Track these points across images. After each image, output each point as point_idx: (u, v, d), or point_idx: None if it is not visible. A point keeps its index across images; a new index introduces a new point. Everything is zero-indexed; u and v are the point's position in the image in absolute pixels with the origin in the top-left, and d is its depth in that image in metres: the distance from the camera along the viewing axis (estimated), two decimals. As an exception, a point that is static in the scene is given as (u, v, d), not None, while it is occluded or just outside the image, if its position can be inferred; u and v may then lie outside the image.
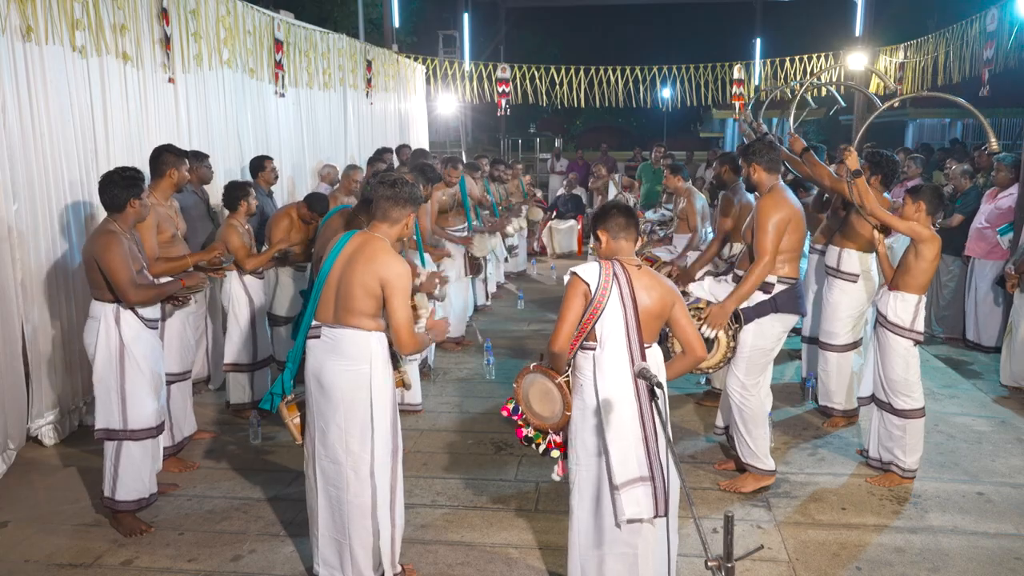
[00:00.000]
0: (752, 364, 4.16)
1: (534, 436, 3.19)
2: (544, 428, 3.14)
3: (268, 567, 3.53)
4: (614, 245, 3.02)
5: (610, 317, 2.91)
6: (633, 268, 2.98)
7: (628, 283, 2.93)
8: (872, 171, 4.89)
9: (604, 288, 2.91)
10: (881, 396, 4.32)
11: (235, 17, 6.69)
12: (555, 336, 2.95)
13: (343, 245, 3.18)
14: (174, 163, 4.31)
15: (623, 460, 2.87)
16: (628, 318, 2.90)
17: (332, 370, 3.10)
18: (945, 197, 5.07)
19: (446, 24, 17.29)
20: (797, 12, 20.13)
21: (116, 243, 3.58)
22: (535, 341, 7.26)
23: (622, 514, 2.86)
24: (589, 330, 2.94)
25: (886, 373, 4.25)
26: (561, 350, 2.96)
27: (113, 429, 3.70)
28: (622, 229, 3.00)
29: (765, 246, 4.03)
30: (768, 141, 4.35)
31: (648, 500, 2.87)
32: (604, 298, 2.91)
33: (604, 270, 2.94)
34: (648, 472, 2.87)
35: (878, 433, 4.39)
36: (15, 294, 4.47)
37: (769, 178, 4.17)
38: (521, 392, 3.16)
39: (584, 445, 3.00)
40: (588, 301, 2.93)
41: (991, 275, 6.55)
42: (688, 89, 14.91)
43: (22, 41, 4.43)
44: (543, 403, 3.11)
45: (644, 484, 2.87)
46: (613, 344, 2.91)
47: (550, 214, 12.62)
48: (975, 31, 9.73)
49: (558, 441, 3.14)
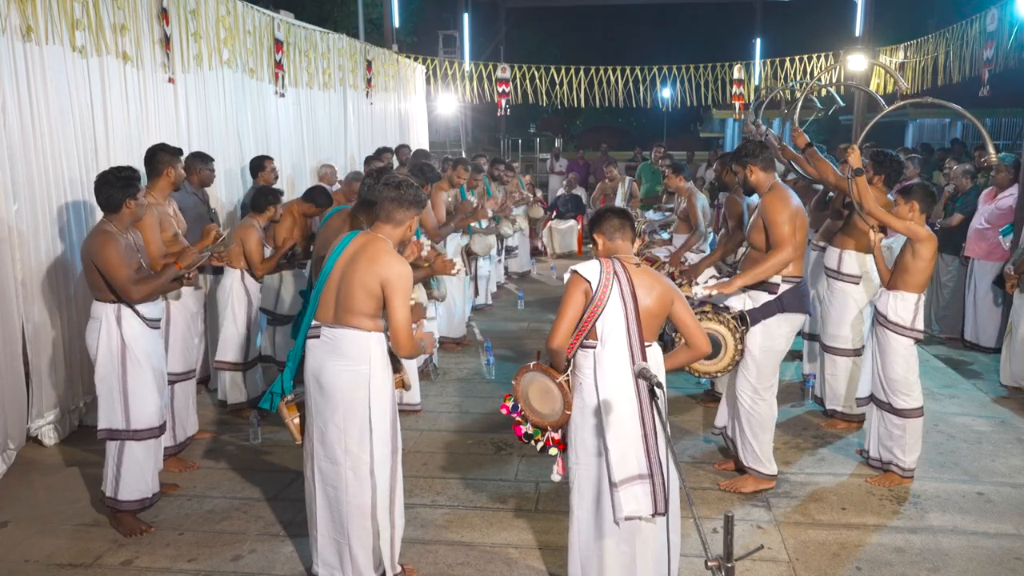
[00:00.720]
0: (763, 367, 4.11)
1: (533, 433, 3.20)
2: (543, 426, 3.15)
3: (268, 567, 3.53)
4: (611, 246, 3.05)
5: (611, 315, 2.92)
6: (632, 267, 2.99)
7: (628, 281, 2.94)
8: (876, 171, 4.88)
9: (605, 286, 2.92)
10: (881, 396, 4.31)
11: (235, 17, 6.69)
12: (553, 333, 2.97)
13: (345, 245, 3.18)
14: (169, 161, 4.30)
15: (622, 458, 2.87)
16: (629, 316, 2.91)
17: (331, 370, 3.10)
18: (935, 195, 5.06)
19: (446, 24, 17.28)
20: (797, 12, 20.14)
21: (112, 243, 3.58)
22: (535, 341, 7.26)
23: (620, 511, 2.87)
24: (590, 328, 2.95)
25: (886, 373, 4.25)
26: (560, 347, 2.97)
27: (116, 429, 3.70)
28: (617, 230, 3.05)
29: (783, 234, 3.98)
30: (758, 140, 4.34)
31: (647, 498, 2.87)
32: (605, 296, 2.92)
33: (605, 268, 2.96)
34: (647, 470, 2.88)
35: (878, 433, 4.39)
36: (15, 294, 4.47)
37: (767, 177, 4.15)
38: (520, 390, 3.17)
39: (584, 443, 3.01)
40: (588, 299, 2.94)
41: (991, 276, 6.54)
42: (688, 89, 14.92)
43: (22, 41, 4.43)
44: (543, 401, 3.12)
45: (643, 482, 2.88)
46: (614, 342, 2.92)
47: (550, 214, 12.62)
48: (975, 31, 9.72)
49: (556, 438, 3.15)
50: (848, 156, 4.37)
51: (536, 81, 14.42)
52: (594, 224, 3.10)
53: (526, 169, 12.99)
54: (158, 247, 4.13)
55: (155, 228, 4.13)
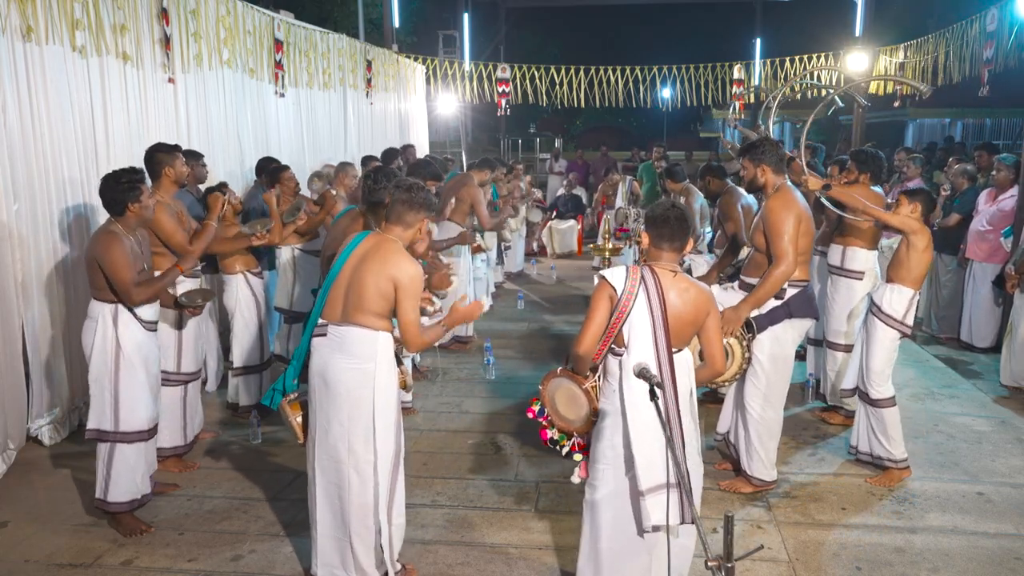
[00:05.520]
0: (773, 375, 4.05)
1: (559, 438, 3.18)
2: (569, 431, 3.14)
3: (268, 567, 3.53)
4: (654, 252, 2.99)
5: (637, 321, 2.88)
6: (667, 274, 2.93)
7: (657, 288, 2.89)
8: (859, 169, 4.91)
9: (630, 292, 2.88)
10: (861, 387, 4.34)
11: (235, 17, 6.69)
12: (580, 339, 2.95)
13: (356, 245, 3.20)
14: (167, 160, 4.29)
15: (648, 465, 2.84)
16: (656, 323, 2.87)
17: (337, 368, 3.11)
18: (936, 203, 5.10)
19: (446, 24, 17.27)
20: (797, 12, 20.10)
21: (118, 244, 3.58)
22: (535, 341, 7.27)
23: (648, 520, 2.83)
24: (616, 334, 2.92)
25: (868, 362, 4.27)
26: (586, 353, 2.95)
27: (104, 430, 3.69)
28: (665, 239, 2.95)
29: (783, 248, 3.86)
30: (772, 140, 4.32)
31: (675, 507, 2.82)
32: (630, 302, 2.88)
33: (632, 274, 2.92)
34: (674, 479, 2.85)
35: (866, 426, 4.40)
36: (15, 294, 4.46)
37: (776, 178, 4.05)
38: (547, 395, 3.15)
39: (609, 449, 2.98)
40: (614, 304, 2.91)
41: (990, 278, 6.53)
42: (688, 89, 14.91)
43: (22, 41, 4.43)
44: (569, 407, 3.10)
45: (671, 490, 2.83)
46: (640, 348, 2.88)
47: (550, 214, 12.62)
48: (975, 31, 9.72)
49: (582, 444, 3.14)
50: (804, 182, 4.43)
51: (536, 81, 14.41)
52: (648, 223, 2.98)
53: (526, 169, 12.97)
54: (182, 237, 4.14)
55: (172, 224, 4.12)
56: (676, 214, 2.94)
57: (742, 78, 14.64)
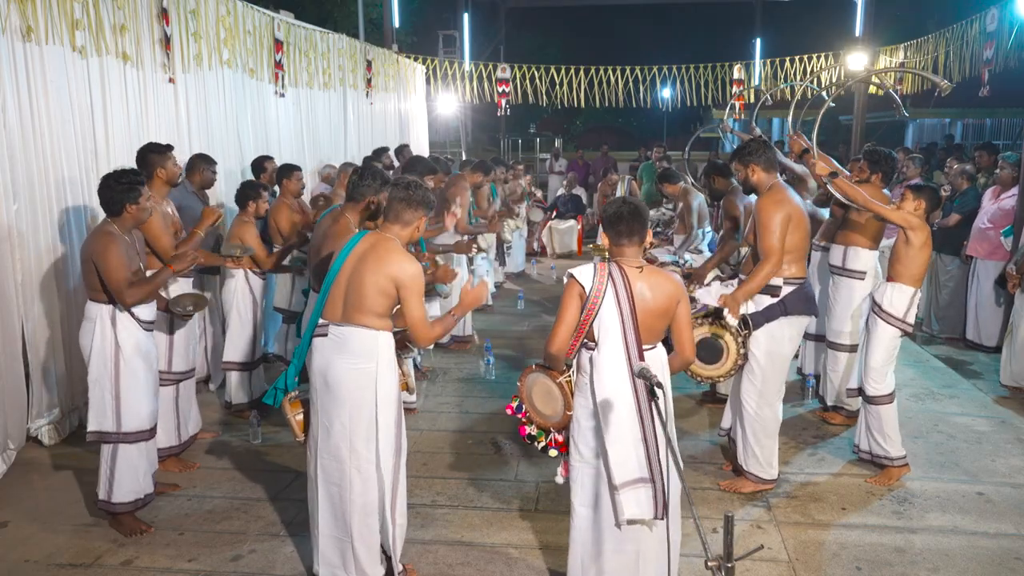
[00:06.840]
0: (769, 373, 4.06)
1: (536, 434, 3.21)
2: (547, 427, 3.16)
3: (268, 567, 3.53)
4: (615, 250, 3.02)
5: (606, 317, 2.92)
6: (633, 270, 2.95)
7: (625, 284, 2.92)
8: (871, 169, 4.90)
9: (598, 289, 2.91)
10: (860, 383, 4.35)
11: (235, 17, 6.69)
12: (552, 337, 2.98)
13: (354, 245, 3.19)
14: (158, 161, 4.29)
15: (622, 461, 2.87)
16: (625, 319, 2.90)
17: (339, 368, 3.11)
18: (942, 200, 5.10)
19: (446, 24, 17.28)
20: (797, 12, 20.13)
21: (114, 244, 3.58)
22: (535, 341, 7.26)
23: (622, 514, 2.87)
24: (587, 330, 2.96)
25: (868, 360, 4.28)
26: (558, 351, 2.98)
27: (106, 431, 3.69)
28: (623, 235, 2.96)
29: (771, 245, 3.93)
30: (762, 139, 4.33)
31: (648, 502, 2.87)
32: (599, 299, 2.91)
33: (599, 271, 2.94)
34: (648, 473, 2.88)
35: (866, 424, 4.41)
36: (15, 294, 4.46)
37: (768, 177, 4.10)
38: (525, 391, 3.18)
39: (584, 445, 3.01)
40: (583, 301, 2.93)
41: (993, 275, 6.54)
42: (688, 89, 14.92)
43: (22, 41, 4.43)
44: (545, 402, 3.12)
45: (644, 485, 2.88)
46: (610, 345, 2.92)
47: (550, 214, 12.62)
48: (975, 31, 9.72)
49: (559, 440, 3.15)
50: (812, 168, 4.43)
51: (536, 81, 14.42)
52: (604, 223, 3.01)
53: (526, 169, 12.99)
54: (168, 241, 4.15)
55: (162, 227, 4.14)
56: (628, 209, 2.95)
57: (742, 78, 14.64)
